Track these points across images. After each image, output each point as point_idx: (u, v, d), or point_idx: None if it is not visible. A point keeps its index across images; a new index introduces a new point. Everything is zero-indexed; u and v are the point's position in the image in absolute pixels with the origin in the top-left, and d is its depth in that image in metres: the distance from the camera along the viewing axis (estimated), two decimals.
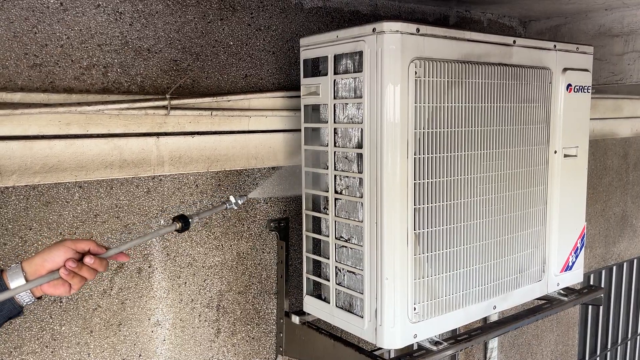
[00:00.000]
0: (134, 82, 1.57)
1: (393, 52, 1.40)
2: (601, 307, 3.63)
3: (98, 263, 1.11)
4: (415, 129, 1.45)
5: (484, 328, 1.76)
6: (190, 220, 1.29)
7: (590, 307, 3.52)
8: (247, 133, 1.78)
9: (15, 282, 1.05)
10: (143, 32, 1.58)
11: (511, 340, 2.92)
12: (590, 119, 1.98)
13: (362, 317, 1.54)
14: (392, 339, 1.49)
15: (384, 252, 1.47)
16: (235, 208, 1.50)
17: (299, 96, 1.68)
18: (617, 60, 2.30)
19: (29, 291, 1.07)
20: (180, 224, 1.27)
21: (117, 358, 1.62)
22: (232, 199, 1.45)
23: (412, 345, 1.58)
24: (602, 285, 3.53)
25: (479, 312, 1.68)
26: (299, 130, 1.71)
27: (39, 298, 1.11)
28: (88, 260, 1.09)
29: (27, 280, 1.06)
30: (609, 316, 3.72)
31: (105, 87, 1.53)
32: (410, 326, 1.51)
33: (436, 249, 1.53)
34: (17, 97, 1.37)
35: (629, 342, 3.96)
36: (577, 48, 1.89)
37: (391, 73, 1.41)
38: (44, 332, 1.49)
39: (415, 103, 1.44)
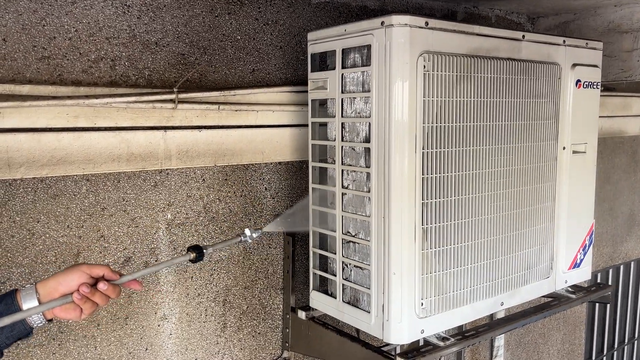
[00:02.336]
0: (141, 76, 1.57)
1: (402, 46, 1.40)
2: (608, 306, 3.61)
3: (111, 289, 1.11)
4: (423, 124, 1.44)
5: (491, 324, 1.75)
6: (204, 250, 1.29)
7: (597, 306, 3.50)
8: (254, 128, 1.78)
9: (28, 303, 1.06)
10: (151, 26, 1.58)
11: (517, 339, 2.91)
12: (599, 116, 1.97)
13: (369, 313, 1.53)
14: (399, 335, 1.49)
15: (392, 247, 1.46)
16: (250, 242, 1.48)
17: (306, 91, 1.68)
18: (627, 56, 2.28)
19: (40, 313, 1.07)
20: (194, 254, 1.27)
21: (123, 351, 1.62)
22: (247, 232, 1.43)
23: (419, 340, 1.57)
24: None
25: (486, 309, 1.67)
26: (306, 125, 1.70)
27: (50, 321, 1.11)
28: (102, 286, 1.10)
29: (40, 302, 1.06)
30: (615, 315, 3.70)
31: (113, 80, 1.53)
32: (418, 321, 1.50)
33: (444, 244, 1.52)
34: (25, 89, 1.37)
35: (635, 342, 3.94)
36: (587, 44, 1.88)
37: (399, 67, 1.40)
38: (51, 325, 1.49)
39: (424, 97, 1.44)
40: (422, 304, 1.50)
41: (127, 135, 1.54)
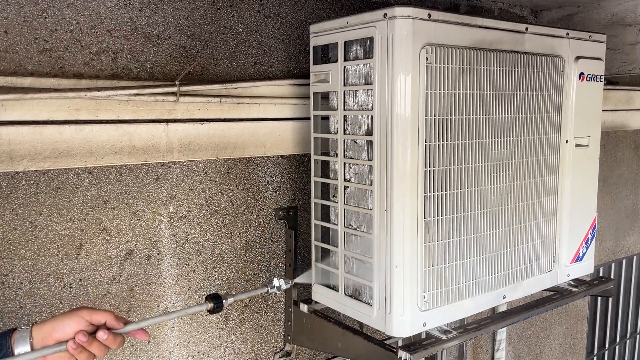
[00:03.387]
0: (143, 69, 1.57)
1: (404, 38, 1.39)
2: (610, 301, 3.61)
3: (112, 339, 1.03)
4: (426, 116, 1.44)
5: (494, 318, 1.75)
6: (223, 301, 1.20)
7: (599, 300, 3.50)
8: (256, 121, 1.78)
9: (20, 347, 1.00)
10: (152, 18, 1.57)
11: (519, 333, 2.91)
12: (602, 110, 1.96)
13: (371, 305, 1.53)
14: (401, 327, 1.49)
15: (394, 240, 1.46)
16: (278, 292, 1.42)
17: (308, 84, 1.67)
18: (630, 49, 2.27)
19: None
20: (212, 304, 1.19)
21: (126, 344, 1.62)
22: (275, 282, 1.38)
23: (421, 334, 1.57)
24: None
25: (488, 302, 1.67)
26: (308, 118, 1.70)
27: None
28: (101, 335, 1.01)
29: (32, 348, 1.00)
30: (617, 309, 3.70)
31: (114, 73, 1.52)
32: (420, 314, 1.50)
33: (446, 237, 1.52)
34: (27, 81, 1.37)
35: (637, 336, 3.94)
36: (590, 36, 1.87)
37: (402, 59, 1.40)
38: None
39: (427, 90, 1.43)
40: (424, 297, 1.50)
41: (129, 128, 1.54)
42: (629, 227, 3.43)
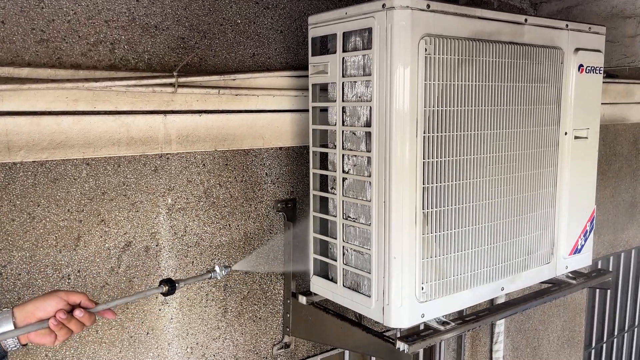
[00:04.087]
0: (141, 60, 1.56)
1: (403, 29, 1.38)
2: (608, 294, 3.62)
3: (87, 317, 1.13)
4: (424, 107, 1.44)
5: (492, 309, 1.75)
6: (177, 285, 1.34)
7: (597, 293, 3.51)
8: (254, 112, 1.77)
9: (4, 327, 1.08)
10: (150, 9, 1.57)
11: (517, 326, 2.92)
12: (601, 103, 1.95)
13: (370, 297, 1.53)
14: (400, 319, 1.49)
15: (392, 232, 1.46)
16: (219, 278, 1.56)
17: (307, 75, 1.67)
18: (630, 42, 2.26)
19: (15, 337, 1.09)
20: (167, 287, 1.32)
21: (125, 335, 1.62)
22: (217, 269, 1.47)
23: (420, 325, 1.57)
24: None
25: (487, 293, 1.67)
26: (307, 110, 1.69)
27: (24, 345, 1.12)
28: (78, 313, 1.11)
29: (15, 327, 1.08)
30: (616, 303, 3.71)
31: (112, 63, 1.52)
32: (418, 306, 1.50)
33: (444, 229, 1.52)
34: (24, 72, 1.36)
35: (635, 329, 3.95)
36: (590, 28, 1.86)
37: (401, 50, 1.39)
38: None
39: (425, 80, 1.43)
40: (422, 288, 1.50)
41: (127, 119, 1.53)
42: (628, 221, 3.43)
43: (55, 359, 1.51)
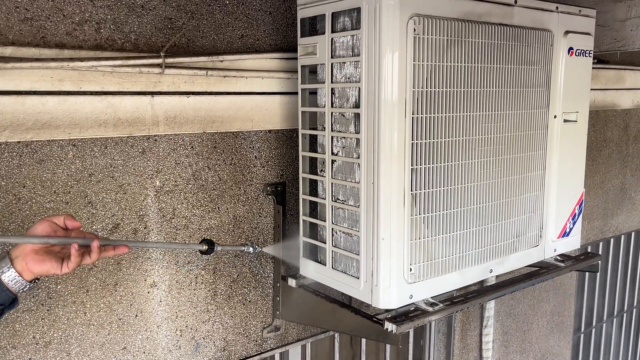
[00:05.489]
0: (127, 40, 1.55)
1: (391, 8, 1.37)
2: (598, 279, 3.65)
3: (97, 251, 1.11)
4: (413, 88, 1.43)
5: (480, 291, 1.76)
6: (215, 247, 1.48)
7: (586, 278, 3.54)
8: (243, 95, 1.76)
9: (4, 266, 1.05)
10: None
11: (507, 310, 2.94)
12: (592, 89, 1.95)
13: (358, 278, 1.54)
14: (388, 299, 1.49)
15: (381, 213, 1.46)
16: (252, 252, 1.72)
17: (296, 58, 1.65)
18: (620, 26, 2.26)
19: (20, 278, 1.05)
20: (206, 246, 1.46)
21: (113, 317, 1.62)
22: (250, 246, 1.68)
23: (410, 306, 1.58)
24: None
25: (475, 275, 1.68)
26: (297, 93, 1.68)
27: (32, 282, 1.08)
28: (95, 244, 1.11)
29: (13, 265, 1.05)
30: (605, 288, 3.74)
31: (98, 43, 1.50)
32: (406, 287, 1.51)
33: (433, 211, 1.52)
34: (7, 51, 1.35)
35: (625, 314, 3.99)
36: (580, 11, 1.86)
37: (389, 30, 1.38)
38: (39, 290, 1.49)
39: (414, 61, 1.42)
40: (410, 269, 1.51)
41: (113, 100, 1.52)
42: (617, 207, 3.46)
43: (44, 341, 1.51)
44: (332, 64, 1.53)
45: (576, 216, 1.99)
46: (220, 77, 1.69)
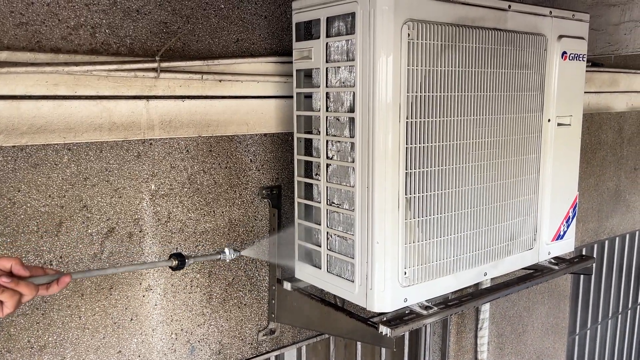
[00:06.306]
0: (122, 44, 1.55)
1: (385, 13, 1.38)
2: (593, 281, 3.66)
3: (24, 286, 0.98)
4: (407, 93, 1.44)
5: (475, 294, 1.77)
6: (186, 260, 1.36)
7: (581, 280, 3.55)
8: (238, 98, 1.76)
9: None
10: None
11: (502, 312, 2.95)
12: (586, 92, 1.97)
13: (353, 282, 1.54)
14: (382, 303, 1.50)
15: (375, 217, 1.46)
16: (228, 260, 1.65)
17: (292, 62, 1.66)
18: (614, 30, 2.28)
19: None
20: (176, 261, 1.33)
21: (108, 321, 1.62)
22: (226, 250, 1.57)
23: (405, 310, 1.58)
24: None
25: (469, 279, 1.69)
26: (292, 96, 1.69)
27: None
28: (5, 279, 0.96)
29: None
30: (600, 290, 3.76)
31: (93, 48, 1.50)
32: (401, 290, 1.51)
33: (427, 214, 1.53)
34: (3, 55, 1.35)
35: (619, 316, 4.01)
36: (573, 15, 1.87)
37: (383, 34, 1.39)
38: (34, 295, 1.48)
39: (408, 66, 1.43)
40: (405, 273, 1.51)
41: (108, 104, 1.52)
42: (612, 209, 3.47)
43: (39, 345, 1.51)
44: (327, 68, 1.54)
45: (570, 219, 2.00)
46: (215, 81, 1.69)
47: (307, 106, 1.67)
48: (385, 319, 1.53)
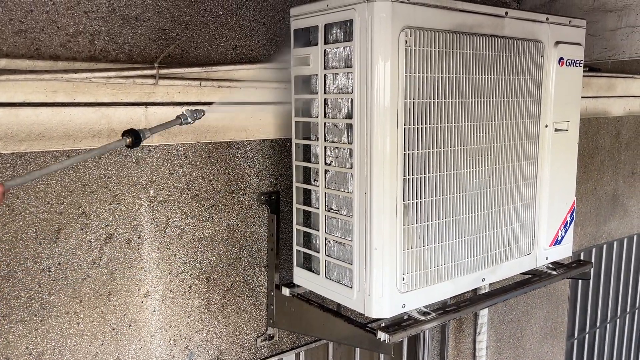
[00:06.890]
0: (121, 51, 1.55)
1: (383, 20, 1.39)
2: (591, 285, 3.67)
3: None
4: (405, 99, 1.44)
5: (473, 299, 1.77)
6: (141, 135, 1.20)
7: (579, 284, 3.56)
8: (237, 104, 1.77)
9: None
10: (131, 0, 1.55)
11: (501, 317, 2.95)
12: (583, 97, 1.98)
13: (351, 288, 1.54)
14: (381, 309, 1.50)
15: (373, 223, 1.47)
16: (191, 122, 1.44)
17: (290, 68, 1.66)
18: (610, 35, 2.29)
19: None
20: (130, 138, 1.17)
21: (107, 328, 1.62)
22: (186, 112, 1.38)
23: (403, 315, 1.59)
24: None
25: (467, 284, 1.69)
26: (290, 102, 1.70)
27: None
28: None
29: None
30: (598, 294, 3.76)
31: (92, 55, 1.51)
32: (399, 296, 1.52)
33: (425, 220, 1.53)
34: (2, 63, 1.35)
35: (617, 320, 4.01)
36: (570, 21, 1.88)
37: (381, 42, 1.40)
38: (33, 301, 1.49)
39: (406, 73, 1.43)
40: (403, 279, 1.51)
41: (107, 111, 1.53)
42: (610, 213, 3.48)
43: (37, 352, 1.51)
44: (325, 74, 1.55)
45: (568, 224, 2.00)
46: (214, 87, 1.70)
47: (305, 112, 1.67)
48: (383, 324, 1.54)
